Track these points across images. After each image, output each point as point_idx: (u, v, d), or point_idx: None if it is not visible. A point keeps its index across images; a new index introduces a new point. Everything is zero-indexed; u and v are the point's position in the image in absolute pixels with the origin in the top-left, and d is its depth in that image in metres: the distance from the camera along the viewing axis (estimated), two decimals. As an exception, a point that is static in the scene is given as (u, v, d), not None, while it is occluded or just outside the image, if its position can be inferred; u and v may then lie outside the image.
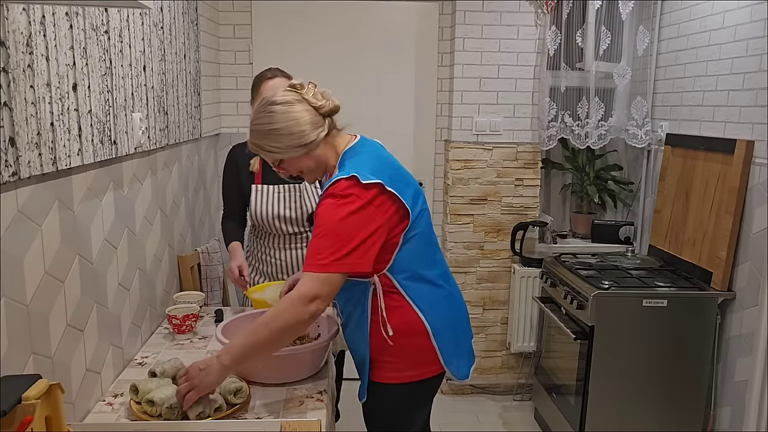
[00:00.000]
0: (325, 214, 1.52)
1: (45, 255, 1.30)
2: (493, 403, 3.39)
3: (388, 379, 1.66)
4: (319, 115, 1.57)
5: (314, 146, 1.57)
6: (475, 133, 3.27)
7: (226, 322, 1.83)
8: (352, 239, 1.50)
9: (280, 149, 1.55)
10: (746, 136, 2.40)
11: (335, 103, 1.61)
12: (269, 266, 2.42)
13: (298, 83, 1.60)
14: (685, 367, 2.52)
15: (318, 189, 2.34)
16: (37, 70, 1.25)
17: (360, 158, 1.59)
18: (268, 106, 1.55)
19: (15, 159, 1.16)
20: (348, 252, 1.49)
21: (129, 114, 1.79)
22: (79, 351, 1.47)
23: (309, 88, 1.59)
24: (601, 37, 3.11)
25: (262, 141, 1.57)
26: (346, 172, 1.53)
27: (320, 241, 1.51)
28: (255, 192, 2.33)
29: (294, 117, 1.54)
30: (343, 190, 1.50)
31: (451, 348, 1.69)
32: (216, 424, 1.41)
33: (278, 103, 1.55)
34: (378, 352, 1.65)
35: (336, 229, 1.50)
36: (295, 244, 2.39)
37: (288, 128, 1.53)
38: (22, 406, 0.90)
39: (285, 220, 2.32)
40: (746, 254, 2.38)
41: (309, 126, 1.55)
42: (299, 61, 3.27)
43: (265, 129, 1.55)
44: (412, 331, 1.63)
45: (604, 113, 3.22)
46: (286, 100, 1.55)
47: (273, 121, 1.54)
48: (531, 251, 3.30)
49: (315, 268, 1.49)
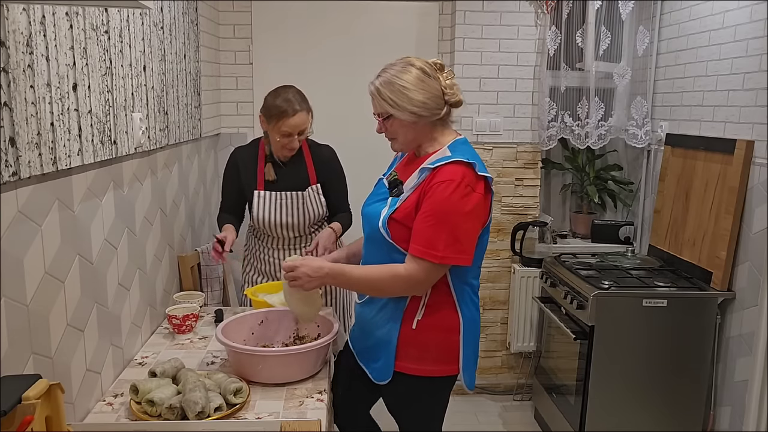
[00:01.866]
0: (446, 201, 1.54)
1: (45, 255, 1.30)
2: (493, 403, 3.39)
3: (408, 369, 1.68)
4: (442, 100, 1.64)
5: (425, 121, 1.63)
6: (475, 133, 3.27)
7: (226, 322, 1.83)
8: (468, 234, 1.57)
9: (397, 106, 1.60)
10: (746, 136, 2.40)
11: (460, 98, 1.68)
12: (269, 266, 2.42)
13: (441, 63, 1.67)
14: (685, 367, 2.52)
15: (320, 195, 2.34)
16: (37, 70, 1.25)
17: (472, 152, 1.65)
18: (410, 66, 1.62)
19: (15, 159, 1.16)
20: (463, 248, 1.56)
21: (129, 114, 1.79)
22: (79, 351, 1.47)
23: (448, 74, 1.67)
24: (601, 37, 3.11)
25: (384, 89, 1.62)
26: (464, 156, 1.58)
27: (437, 229, 1.54)
28: (257, 198, 2.33)
29: (426, 87, 1.61)
30: (462, 178, 1.55)
31: (471, 353, 1.73)
32: (216, 424, 1.41)
33: (416, 67, 1.62)
34: (403, 340, 1.66)
35: (456, 221, 1.55)
36: (295, 245, 2.40)
37: (413, 92, 1.59)
38: (22, 406, 0.90)
39: (287, 227, 2.32)
40: (746, 254, 2.38)
41: (432, 102, 1.61)
42: (299, 61, 3.27)
43: (393, 80, 1.61)
44: (445, 327, 1.67)
45: (604, 113, 3.22)
46: (427, 71, 1.62)
47: (404, 78, 1.60)
48: (531, 251, 3.30)
49: (431, 258, 1.54)
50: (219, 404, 1.48)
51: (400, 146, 1.71)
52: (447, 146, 1.65)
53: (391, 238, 1.63)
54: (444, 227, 1.54)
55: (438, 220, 1.54)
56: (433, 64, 1.66)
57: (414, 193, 1.61)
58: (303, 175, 2.36)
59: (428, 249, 1.54)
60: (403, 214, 1.61)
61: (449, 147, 1.65)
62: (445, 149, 1.64)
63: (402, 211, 1.61)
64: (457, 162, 1.57)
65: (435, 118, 1.64)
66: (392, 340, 1.67)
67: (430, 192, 1.56)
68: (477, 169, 1.58)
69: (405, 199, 1.63)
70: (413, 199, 1.60)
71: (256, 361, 1.68)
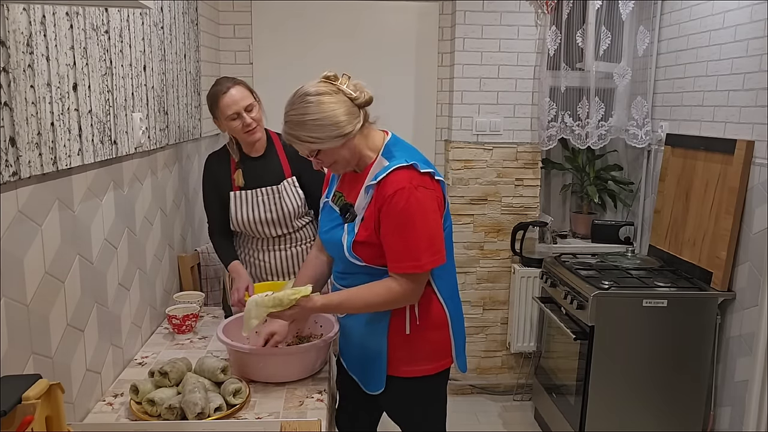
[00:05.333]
0: (405, 210, 1.52)
1: (45, 255, 1.30)
2: (493, 403, 3.39)
3: (403, 372, 1.68)
4: (354, 106, 1.57)
5: (351, 137, 1.57)
6: (475, 133, 3.27)
7: (227, 323, 1.83)
8: (436, 231, 1.56)
9: (318, 139, 1.54)
10: (746, 136, 2.40)
11: (369, 95, 1.61)
12: (255, 268, 2.38)
13: (332, 74, 1.59)
14: (685, 367, 2.52)
15: (297, 188, 2.30)
16: (38, 70, 1.25)
17: (406, 149, 1.62)
18: (305, 97, 1.54)
19: (15, 159, 1.16)
20: (438, 248, 1.56)
21: (129, 114, 1.79)
22: (80, 351, 1.47)
23: (343, 80, 1.59)
24: (601, 37, 3.11)
25: (298, 132, 1.55)
26: (402, 160, 1.55)
27: (410, 239, 1.53)
28: (234, 199, 2.28)
29: (331, 108, 1.53)
30: (410, 181, 1.52)
31: (461, 341, 1.74)
32: (216, 424, 1.41)
33: (313, 94, 1.53)
34: (393, 347, 1.66)
35: (422, 225, 1.53)
36: (281, 245, 2.35)
37: (326, 119, 1.52)
38: (22, 406, 0.90)
39: (266, 223, 2.28)
40: (746, 254, 2.38)
41: (346, 117, 1.54)
42: (299, 61, 3.27)
43: (301, 119, 1.53)
44: (434, 324, 1.66)
45: (604, 113, 3.22)
46: (322, 91, 1.54)
47: (309, 112, 1.52)
48: (531, 251, 3.30)
49: (416, 270, 1.54)
50: (219, 404, 1.48)
51: (344, 167, 1.65)
52: (381, 154, 1.61)
53: (363, 261, 1.61)
54: (415, 235, 1.52)
55: (406, 231, 1.52)
56: (325, 78, 1.58)
57: (368, 210, 1.58)
58: (277, 169, 2.30)
59: (410, 262, 1.53)
60: (366, 234, 1.58)
61: (383, 154, 1.61)
62: (381, 159, 1.60)
63: (363, 233, 1.59)
64: (397, 168, 1.54)
65: (358, 128, 1.57)
66: (382, 350, 1.66)
67: (385, 207, 1.53)
68: (419, 168, 1.55)
69: (362, 220, 1.60)
70: (370, 217, 1.57)
71: (257, 360, 1.68)
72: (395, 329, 1.65)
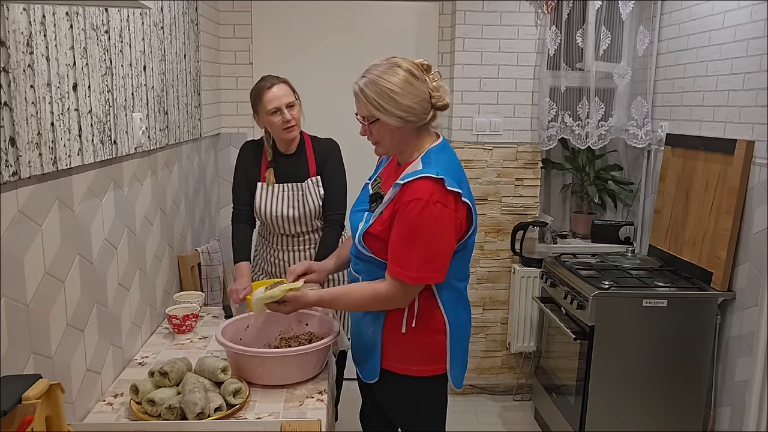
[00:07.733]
0: (415, 221, 1.51)
1: (45, 255, 1.30)
2: (493, 403, 3.39)
3: (397, 369, 1.68)
4: (429, 102, 1.58)
5: (411, 126, 1.58)
6: (475, 133, 3.27)
7: (227, 323, 1.83)
8: (441, 250, 1.55)
9: (381, 108, 1.54)
10: (746, 136, 2.40)
11: (447, 102, 1.61)
12: (272, 266, 2.44)
13: (428, 64, 1.61)
14: (685, 367, 2.52)
15: (320, 188, 2.34)
16: (38, 70, 1.25)
17: (446, 161, 1.60)
18: (395, 67, 1.55)
19: (15, 159, 1.16)
20: (438, 267, 1.55)
21: (129, 114, 1.79)
22: (79, 351, 1.47)
23: (435, 75, 1.60)
24: (601, 37, 3.11)
25: (370, 90, 1.55)
26: (433, 170, 1.53)
27: (410, 250, 1.53)
28: (260, 189, 2.34)
29: (413, 91, 1.54)
30: (430, 195, 1.50)
31: (458, 353, 1.72)
32: (216, 424, 1.41)
33: (403, 69, 1.55)
34: (388, 342, 1.67)
35: (428, 240, 1.52)
36: (299, 246, 2.39)
37: (400, 96, 1.53)
38: (23, 406, 0.90)
39: (288, 220, 2.33)
40: (746, 254, 2.38)
41: (418, 106, 1.55)
42: (299, 61, 3.27)
43: (379, 81, 1.54)
44: (431, 329, 1.66)
45: (604, 113, 3.22)
46: (415, 74, 1.55)
47: (390, 81, 1.53)
48: (531, 251, 3.30)
49: (405, 279, 1.54)
50: (219, 405, 1.48)
51: (384, 151, 1.67)
52: (421, 157, 1.61)
53: (371, 252, 1.63)
54: (416, 247, 1.52)
55: (410, 240, 1.53)
56: (420, 65, 1.58)
57: (387, 208, 1.59)
58: (303, 167, 2.36)
59: (402, 270, 1.54)
60: (380, 229, 1.59)
61: (422, 158, 1.60)
62: (419, 161, 1.60)
63: (377, 226, 1.60)
64: (425, 178, 1.52)
65: (421, 123, 1.59)
66: (377, 342, 1.68)
67: (399, 211, 1.54)
68: (447, 184, 1.52)
69: (379, 213, 1.61)
70: (387, 213, 1.58)
71: (256, 362, 1.67)
72: (391, 325, 1.66)
